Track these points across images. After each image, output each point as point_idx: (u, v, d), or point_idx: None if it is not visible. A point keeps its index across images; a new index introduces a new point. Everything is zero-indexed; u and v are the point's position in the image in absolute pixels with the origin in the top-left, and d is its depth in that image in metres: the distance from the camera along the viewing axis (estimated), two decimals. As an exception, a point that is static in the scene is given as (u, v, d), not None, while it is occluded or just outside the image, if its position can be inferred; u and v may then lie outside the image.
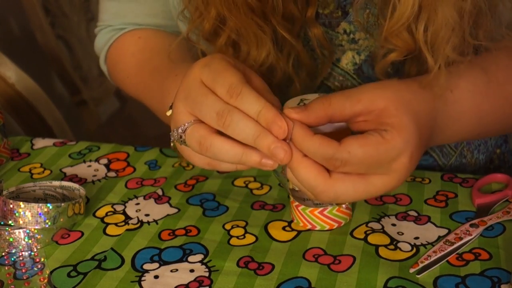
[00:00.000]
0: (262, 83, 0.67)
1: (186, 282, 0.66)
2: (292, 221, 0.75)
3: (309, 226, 0.73)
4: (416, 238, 0.71)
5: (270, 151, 0.60)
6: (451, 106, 0.70)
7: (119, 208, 0.79)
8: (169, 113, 0.70)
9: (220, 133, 0.63)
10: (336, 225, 0.73)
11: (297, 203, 0.73)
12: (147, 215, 0.77)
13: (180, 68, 0.80)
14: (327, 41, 0.80)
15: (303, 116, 0.62)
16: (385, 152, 0.60)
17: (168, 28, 0.93)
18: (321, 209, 0.72)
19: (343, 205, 0.73)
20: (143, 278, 0.67)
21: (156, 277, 0.67)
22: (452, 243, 0.70)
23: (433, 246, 0.70)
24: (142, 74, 0.89)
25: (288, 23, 0.77)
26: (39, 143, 0.95)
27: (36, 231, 0.71)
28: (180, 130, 0.65)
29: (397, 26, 0.68)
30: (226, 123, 0.61)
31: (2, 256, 0.71)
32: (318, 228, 0.73)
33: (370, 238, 0.71)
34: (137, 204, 0.80)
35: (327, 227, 0.73)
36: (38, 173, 0.87)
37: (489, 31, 0.69)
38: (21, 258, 0.70)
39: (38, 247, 0.72)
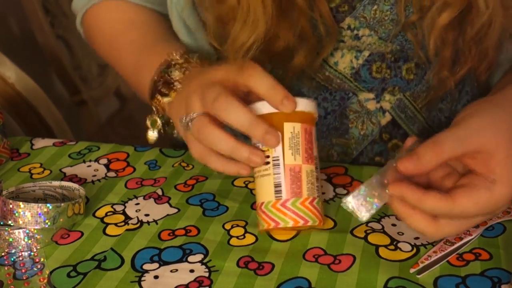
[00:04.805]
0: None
1: (186, 283, 0.66)
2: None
3: (272, 224, 0.69)
4: (416, 238, 0.71)
5: (263, 136, 0.67)
6: None
7: (119, 208, 0.79)
8: (167, 100, 0.78)
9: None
10: (301, 222, 0.69)
11: (260, 201, 0.70)
12: (147, 215, 0.77)
13: (159, 47, 0.86)
14: (332, 20, 0.80)
15: (416, 168, 0.63)
16: (494, 206, 0.63)
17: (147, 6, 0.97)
18: (282, 201, 0.69)
19: (308, 201, 0.69)
20: (143, 278, 0.67)
21: (156, 277, 0.67)
22: (453, 243, 0.69)
23: (434, 246, 0.70)
24: (117, 43, 0.94)
25: None
26: (39, 143, 0.95)
27: (35, 231, 0.71)
28: (188, 118, 0.70)
29: None
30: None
31: (2, 256, 0.71)
32: (282, 224, 0.69)
33: (370, 238, 0.71)
34: (137, 204, 0.80)
35: (291, 222, 0.69)
36: (38, 173, 0.87)
37: None
38: (20, 258, 0.70)
39: (38, 247, 0.72)
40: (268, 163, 0.69)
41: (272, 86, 0.69)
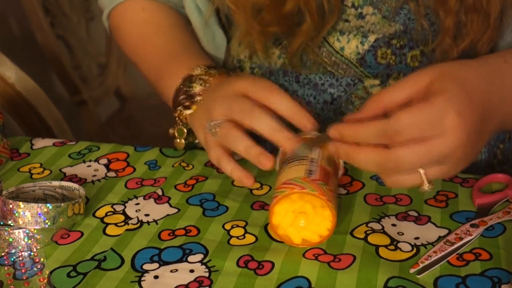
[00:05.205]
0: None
1: (186, 283, 0.66)
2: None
3: (297, 188, 0.69)
4: (417, 238, 0.71)
5: (283, 141, 0.71)
6: (507, 74, 0.72)
7: (119, 208, 0.79)
8: (189, 112, 0.83)
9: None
10: (325, 198, 0.68)
11: (286, 179, 0.70)
12: (147, 215, 0.77)
13: (183, 56, 0.90)
14: None
15: (358, 116, 0.67)
16: (431, 112, 0.63)
17: (170, 3, 0.99)
18: (312, 178, 0.70)
19: (333, 193, 0.70)
20: (143, 278, 0.67)
21: (156, 277, 0.67)
22: (453, 243, 0.69)
23: (434, 246, 0.70)
24: (144, 46, 0.97)
25: None
26: (39, 143, 0.95)
27: (35, 231, 0.71)
28: (213, 123, 0.76)
29: None
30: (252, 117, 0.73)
31: (2, 256, 0.71)
32: (307, 189, 0.68)
33: (370, 238, 0.71)
34: (137, 204, 0.80)
35: (317, 192, 0.68)
36: (38, 173, 0.87)
37: None
38: (20, 258, 0.70)
39: (38, 247, 0.72)
40: (303, 159, 0.73)
41: (294, 108, 0.74)
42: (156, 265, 0.69)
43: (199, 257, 0.70)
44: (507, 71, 0.72)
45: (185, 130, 0.87)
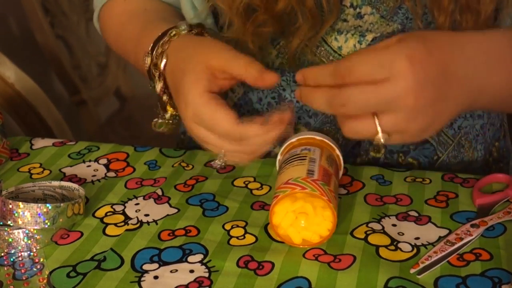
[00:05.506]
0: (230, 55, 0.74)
1: (186, 283, 0.66)
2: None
3: (298, 188, 0.69)
4: (417, 238, 0.71)
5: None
6: (482, 44, 0.72)
7: (119, 208, 0.79)
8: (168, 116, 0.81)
9: None
10: (325, 198, 0.68)
11: (287, 179, 0.71)
12: (146, 215, 0.77)
13: (142, 41, 0.86)
14: None
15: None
16: (383, 55, 0.64)
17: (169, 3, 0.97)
18: (313, 178, 0.70)
19: (334, 193, 0.70)
20: (142, 279, 0.67)
21: (155, 277, 0.67)
22: (453, 244, 0.69)
23: (434, 246, 0.70)
24: (121, 35, 0.95)
25: None
26: (39, 143, 0.95)
27: (35, 231, 0.71)
28: (221, 161, 0.75)
29: None
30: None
31: (2, 256, 0.71)
32: (308, 190, 0.69)
33: (371, 239, 0.71)
34: (137, 204, 0.80)
35: (318, 192, 0.69)
36: (38, 173, 0.87)
37: None
38: (20, 259, 0.70)
39: (38, 248, 0.72)
40: (303, 159, 0.73)
41: (249, 63, 0.72)
42: (156, 265, 0.69)
43: (199, 257, 0.70)
44: (483, 42, 0.72)
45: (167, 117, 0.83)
